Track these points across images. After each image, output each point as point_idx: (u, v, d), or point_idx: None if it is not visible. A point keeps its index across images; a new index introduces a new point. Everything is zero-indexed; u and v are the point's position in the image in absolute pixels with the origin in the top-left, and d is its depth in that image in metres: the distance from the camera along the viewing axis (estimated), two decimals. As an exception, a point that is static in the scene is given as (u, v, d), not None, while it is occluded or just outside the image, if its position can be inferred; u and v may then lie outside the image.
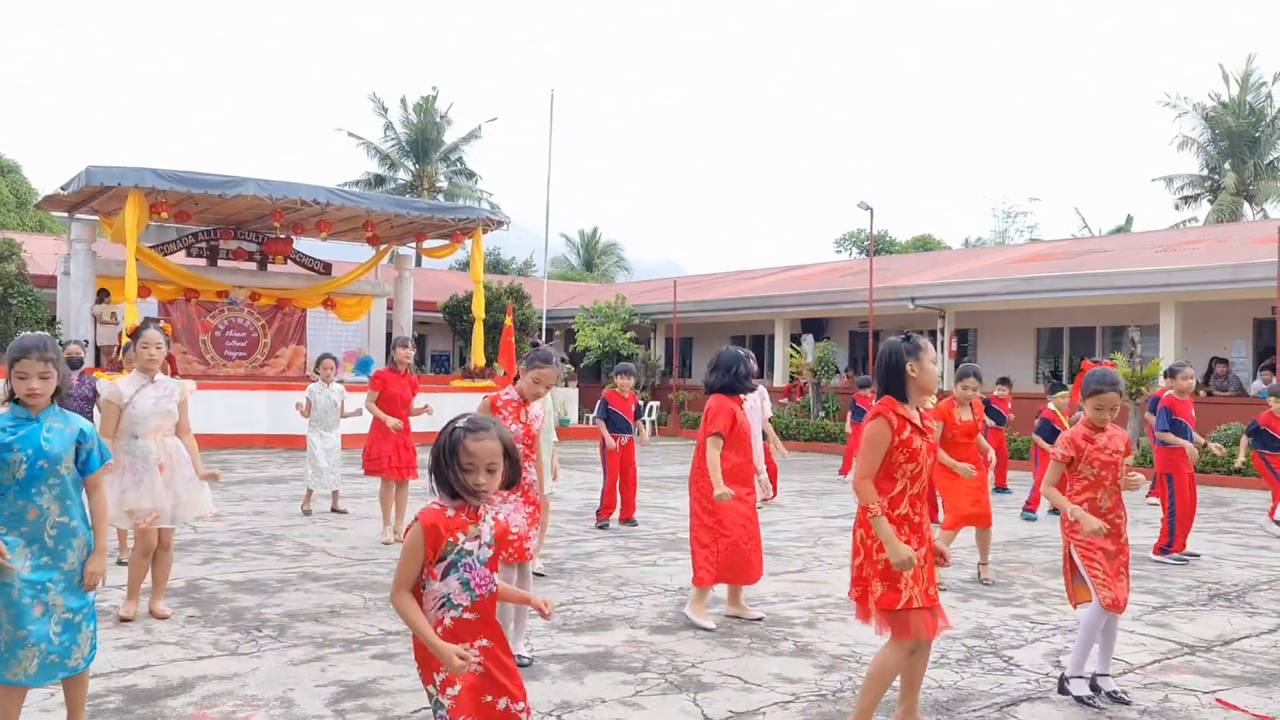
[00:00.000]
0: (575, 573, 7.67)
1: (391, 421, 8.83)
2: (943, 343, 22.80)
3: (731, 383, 6.32)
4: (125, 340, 17.90)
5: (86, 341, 16.71)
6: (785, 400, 23.97)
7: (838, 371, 23.80)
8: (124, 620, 5.84)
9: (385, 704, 4.53)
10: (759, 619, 6.24)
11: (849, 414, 15.48)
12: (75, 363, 9.27)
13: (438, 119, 44.75)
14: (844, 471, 15.63)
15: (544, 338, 26.77)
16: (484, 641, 3.01)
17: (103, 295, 20.03)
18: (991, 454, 8.30)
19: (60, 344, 11.10)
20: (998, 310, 23.07)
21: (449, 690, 2.94)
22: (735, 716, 4.47)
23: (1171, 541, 8.68)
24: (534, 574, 6.30)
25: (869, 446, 4.10)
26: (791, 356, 24.24)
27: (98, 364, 18.89)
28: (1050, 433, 10.85)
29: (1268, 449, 10.13)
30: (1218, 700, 4.78)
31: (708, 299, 28.07)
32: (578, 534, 9.60)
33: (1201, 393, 17.60)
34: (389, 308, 24.96)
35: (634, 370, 10.79)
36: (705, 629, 5.96)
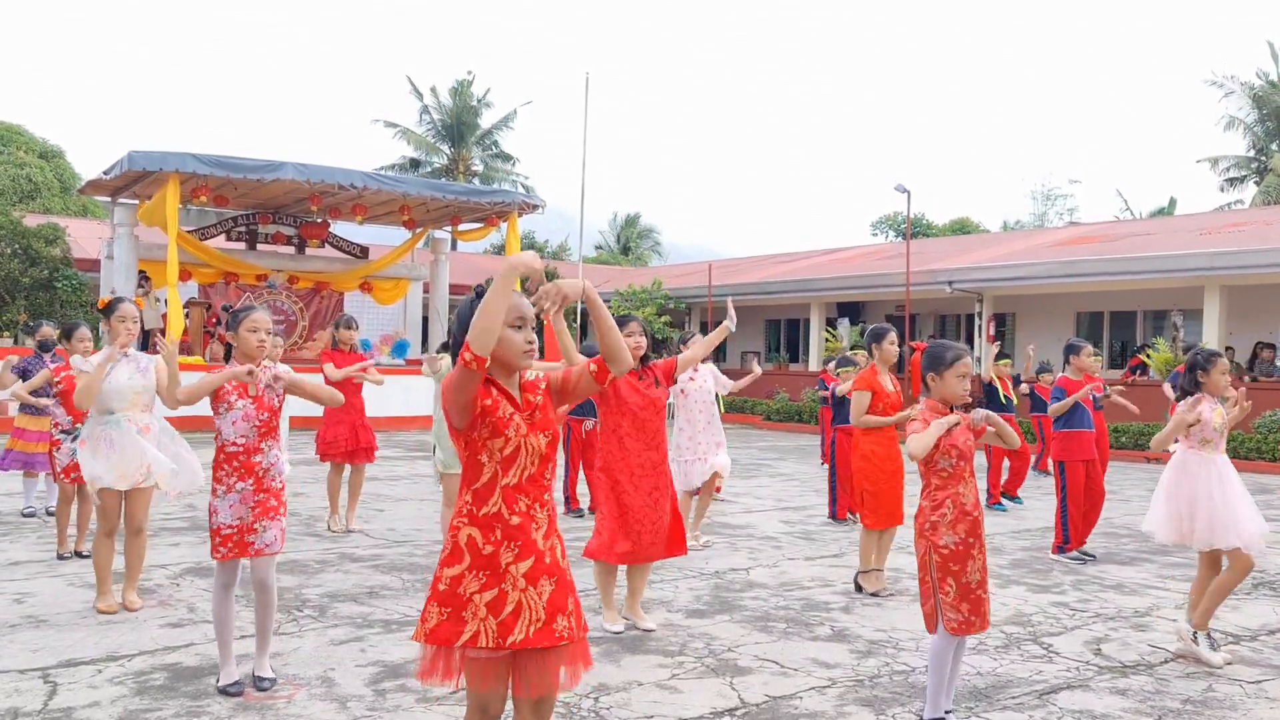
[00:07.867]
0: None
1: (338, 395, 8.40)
2: (980, 326, 22.59)
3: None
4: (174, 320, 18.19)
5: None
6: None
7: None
8: (102, 613, 5.66)
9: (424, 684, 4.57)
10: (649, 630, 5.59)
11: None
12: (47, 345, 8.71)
13: (473, 103, 44.77)
14: (825, 460, 13.00)
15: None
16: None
17: (143, 279, 20.30)
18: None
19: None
20: (1036, 294, 22.79)
21: None
22: (772, 700, 4.48)
23: (1068, 538, 7.84)
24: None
25: None
26: (827, 340, 24.11)
27: (143, 347, 19.16)
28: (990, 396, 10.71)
29: None
30: None
31: (743, 282, 27.95)
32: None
33: (1246, 378, 17.31)
34: (425, 291, 25.12)
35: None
36: (611, 631, 5.49)
